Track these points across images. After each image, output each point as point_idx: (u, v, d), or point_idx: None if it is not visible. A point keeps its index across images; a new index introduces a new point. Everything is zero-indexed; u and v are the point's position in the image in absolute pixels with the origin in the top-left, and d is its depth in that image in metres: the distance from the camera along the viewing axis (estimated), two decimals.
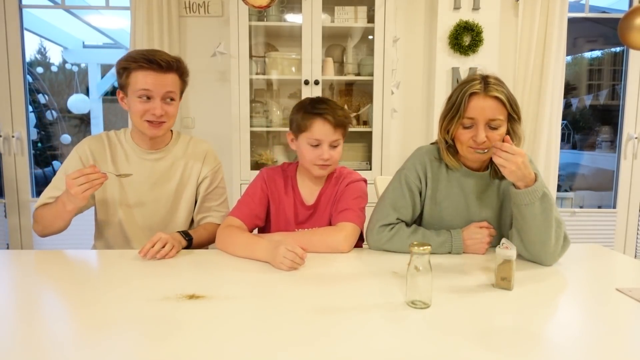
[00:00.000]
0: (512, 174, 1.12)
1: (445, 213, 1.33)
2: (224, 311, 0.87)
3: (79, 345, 0.73)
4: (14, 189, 2.91)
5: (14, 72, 2.82)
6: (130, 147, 1.42)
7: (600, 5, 3.35)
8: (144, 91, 1.30)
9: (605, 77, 3.57)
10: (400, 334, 0.78)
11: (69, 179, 1.16)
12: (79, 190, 1.15)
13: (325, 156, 1.32)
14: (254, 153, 2.71)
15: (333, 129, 1.31)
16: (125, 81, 1.31)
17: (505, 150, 1.11)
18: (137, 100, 1.31)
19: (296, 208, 1.42)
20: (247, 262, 1.20)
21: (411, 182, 1.33)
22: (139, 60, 1.28)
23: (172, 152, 1.45)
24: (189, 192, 1.46)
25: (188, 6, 2.78)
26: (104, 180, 1.19)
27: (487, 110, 1.17)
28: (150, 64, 1.28)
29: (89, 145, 1.40)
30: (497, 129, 1.19)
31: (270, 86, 2.85)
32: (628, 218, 3.10)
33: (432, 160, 1.34)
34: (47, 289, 1.00)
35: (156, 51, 1.32)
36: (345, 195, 1.38)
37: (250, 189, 1.42)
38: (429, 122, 2.87)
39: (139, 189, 1.41)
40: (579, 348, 0.74)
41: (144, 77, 1.29)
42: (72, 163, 1.38)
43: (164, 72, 1.31)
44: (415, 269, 0.88)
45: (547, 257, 1.17)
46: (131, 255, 1.24)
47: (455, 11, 2.69)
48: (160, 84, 1.31)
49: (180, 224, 1.46)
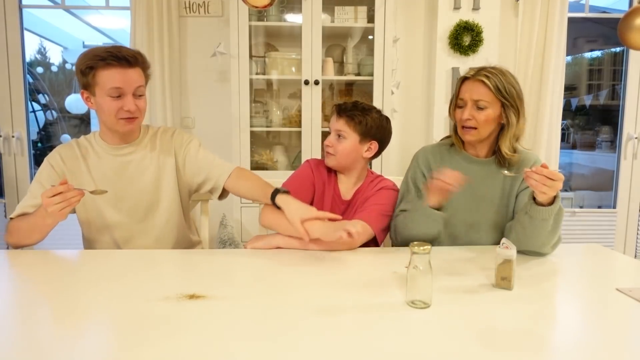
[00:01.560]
0: (545, 197, 1.15)
1: (452, 195, 1.38)
2: (224, 311, 0.87)
3: (79, 345, 0.73)
4: (14, 189, 2.91)
5: (14, 72, 2.82)
6: (100, 146, 1.40)
7: (600, 5, 3.35)
8: (116, 89, 1.27)
9: (605, 77, 3.56)
10: (400, 334, 0.78)
11: (44, 197, 1.14)
12: (56, 209, 1.14)
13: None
14: (254, 153, 2.71)
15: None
16: (91, 80, 1.27)
17: (549, 177, 1.10)
18: (108, 98, 1.28)
19: (334, 201, 1.48)
20: (247, 262, 1.20)
21: (417, 180, 1.43)
22: (106, 58, 1.25)
23: (142, 143, 1.43)
24: (168, 185, 1.43)
25: (188, 6, 2.78)
26: (80, 197, 1.17)
27: (474, 92, 1.30)
28: (119, 61, 1.26)
29: (59, 153, 1.39)
30: (483, 109, 1.30)
31: (270, 86, 2.85)
32: (628, 218, 3.10)
33: (435, 153, 1.44)
34: (47, 289, 1.00)
35: (119, 47, 1.29)
36: (372, 199, 1.44)
37: (297, 175, 1.49)
38: (429, 122, 2.87)
39: (116, 184, 1.39)
40: (579, 348, 0.74)
41: (112, 74, 1.26)
42: (44, 172, 1.36)
43: (131, 67, 1.28)
44: (415, 269, 0.88)
45: (539, 253, 1.25)
46: (131, 255, 1.25)
47: (455, 11, 2.69)
48: (129, 80, 1.28)
49: (165, 213, 1.43)
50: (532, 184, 1.12)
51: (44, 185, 1.33)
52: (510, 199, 1.37)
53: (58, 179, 1.35)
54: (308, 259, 1.19)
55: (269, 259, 1.22)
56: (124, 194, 1.40)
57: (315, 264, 1.17)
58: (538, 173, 1.10)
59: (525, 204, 1.22)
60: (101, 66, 1.26)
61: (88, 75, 1.28)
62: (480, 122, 1.30)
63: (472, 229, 1.39)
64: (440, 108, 2.77)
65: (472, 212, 1.38)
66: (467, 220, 1.38)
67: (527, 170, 1.12)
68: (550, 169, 1.10)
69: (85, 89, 1.32)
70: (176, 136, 1.47)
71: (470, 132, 1.33)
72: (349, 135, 1.42)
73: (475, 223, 1.38)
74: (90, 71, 1.27)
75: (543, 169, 1.10)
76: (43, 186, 1.33)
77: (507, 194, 1.38)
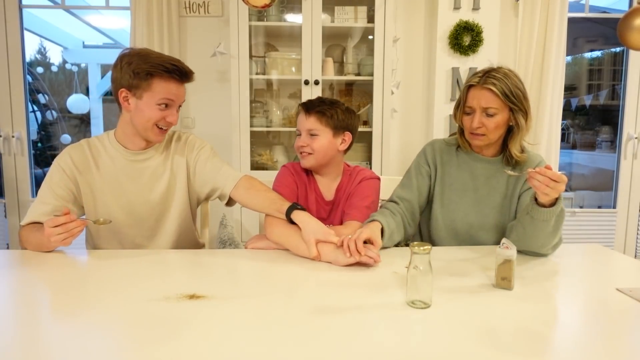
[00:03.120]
0: (547, 198, 1.14)
1: (455, 195, 1.41)
2: (224, 311, 0.87)
3: (79, 345, 0.73)
4: (14, 189, 2.91)
5: (14, 72, 2.82)
6: (115, 150, 1.37)
7: (600, 5, 3.35)
8: (167, 100, 1.28)
9: (605, 77, 3.57)
10: (400, 334, 0.78)
11: (47, 227, 1.13)
12: (58, 239, 1.13)
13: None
14: (254, 153, 2.71)
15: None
16: (143, 84, 1.25)
17: (551, 178, 1.08)
18: (155, 106, 1.27)
19: (318, 204, 1.46)
20: (248, 262, 1.20)
21: (421, 166, 1.45)
22: (171, 70, 1.26)
23: (159, 149, 1.41)
24: (181, 188, 1.42)
25: (188, 6, 2.78)
26: (83, 227, 1.17)
27: (482, 99, 1.29)
28: (181, 77, 1.28)
29: (70, 154, 1.35)
30: (492, 116, 1.29)
31: (270, 86, 2.85)
32: (628, 218, 3.10)
33: (443, 148, 1.45)
34: (47, 289, 1.00)
35: (180, 61, 1.29)
36: (356, 194, 1.43)
37: (280, 182, 1.45)
38: (429, 122, 2.87)
39: (129, 190, 1.37)
40: (579, 348, 0.74)
41: (170, 87, 1.27)
42: (55, 177, 1.33)
43: (184, 82, 1.31)
44: (415, 269, 0.88)
45: (538, 253, 1.25)
46: (131, 255, 1.25)
47: (455, 11, 2.69)
48: (180, 94, 1.31)
49: (176, 220, 1.42)
50: (535, 185, 1.11)
51: (55, 191, 1.31)
52: (513, 200, 1.37)
53: (70, 183, 1.33)
54: (308, 259, 1.19)
55: (269, 259, 1.22)
56: (137, 201, 1.38)
57: (316, 264, 1.17)
58: (542, 174, 1.09)
59: (526, 204, 1.22)
60: (162, 76, 1.26)
61: (142, 79, 1.25)
62: (490, 128, 1.29)
63: (474, 229, 1.39)
64: (440, 108, 2.78)
65: (474, 212, 1.39)
66: (469, 220, 1.39)
67: (531, 171, 1.11)
68: (554, 171, 1.09)
69: (129, 90, 1.28)
70: (189, 143, 1.45)
71: (480, 138, 1.32)
72: (322, 132, 1.40)
73: (476, 223, 1.38)
74: (146, 75, 1.25)
75: (547, 170, 1.09)
76: (54, 192, 1.31)
77: (510, 194, 1.38)
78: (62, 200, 1.32)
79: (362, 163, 2.70)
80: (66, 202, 1.33)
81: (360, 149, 2.75)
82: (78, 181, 1.34)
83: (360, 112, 2.77)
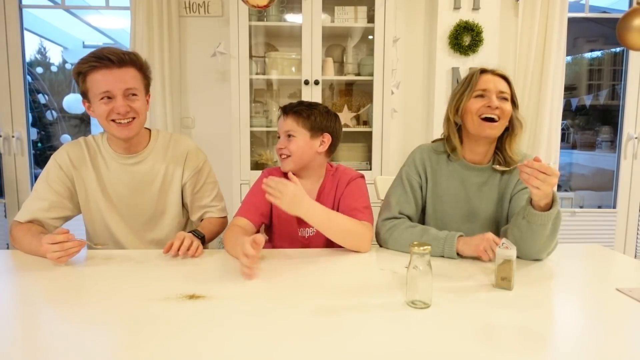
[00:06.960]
0: (540, 194, 1.08)
1: (447, 206, 1.37)
2: (224, 311, 0.87)
3: (79, 345, 0.73)
4: (14, 189, 2.91)
5: (14, 72, 2.82)
6: (107, 153, 1.37)
7: (600, 5, 3.35)
8: (104, 92, 1.23)
9: (605, 77, 3.56)
10: (400, 334, 0.78)
11: (45, 243, 1.12)
12: (54, 257, 1.12)
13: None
14: (254, 153, 2.71)
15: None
16: (84, 87, 1.25)
17: (541, 170, 1.04)
18: (99, 102, 1.24)
19: None
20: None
21: (411, 177, 1.39)
22: (89, 60, 1.21)
23: (151, 154, 1.40)
24: (174, 195, 1.43)
25: (188, 6, 2.78)
26: (80, 248, 1.15)
27: (498, 83, 1.27)
28: (101, 61, 1.21)
29: (67, 151, 1.35)
30: (506, 101, 1.26)
31: (270, 86, 2.85)
32: (628, 218, 3.10)
33: (432, 156, 1.39)
34: (47, 289, 1.00)
35: (105, 48, 1.25)
36: (349, 195, 1.39)
37: (255, 188, 1.42)
38: (429, 122, 2.87)
39: (122, 194, 1.38)
40: (579, 348, 0.74)
41: (99, 77, 1.22)
42: (52, 173, 1.33)
43: (118, 67, 1.23)
44: (415, 269, 0.88)
45: (535, 258, 1.22)
46: (131, 255, 1.24)
47: (455, 11, 2.69)
48: (117, 80, 1.23)
49: (167, 227, 1.43)
50: (524, 178, 1.07)
51: (52, 187, 1.31)
52: (504, 204, 1.34)
53: (66, 179, 1.34)
54: (308, 259, 1.19)
55: (269, 259, 1.22)
56: (130, 204, 1.39)
57: (315, 265, 1.17)
58: (529, 166, 1.05)
59: (522, 208, 1.18)
60: (87, 70, 1.23)
61: (80, 83, 1.25)
62: (506, 112, 1.24)
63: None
64: (440, 108, 2.77)
65: (468, 223, 1.36)
66: (463, 231, 1.31)
67: (521, 165, 1.08)
68: (542, 163, 1.05)
69: (84, 98, 1.28)
70: (189, 158, 1.43)
71: (493, 125, 1.25)
72: (299, 133, 1.36)
73: (470, 233, 1.31)
74: (80, 77, 1.24)
75: (534, 162, 1.05)
76: (51, 187, 1.31)
77: (501, 199, 1.35)
78: (59, 196, 1.32)
79: (362, 163, 2.71)
80: (63, 197, 1.33)
81: (360, 149, 2.75)
82: (74, 178, 1.35)
83: (360, 112, 2.77)
